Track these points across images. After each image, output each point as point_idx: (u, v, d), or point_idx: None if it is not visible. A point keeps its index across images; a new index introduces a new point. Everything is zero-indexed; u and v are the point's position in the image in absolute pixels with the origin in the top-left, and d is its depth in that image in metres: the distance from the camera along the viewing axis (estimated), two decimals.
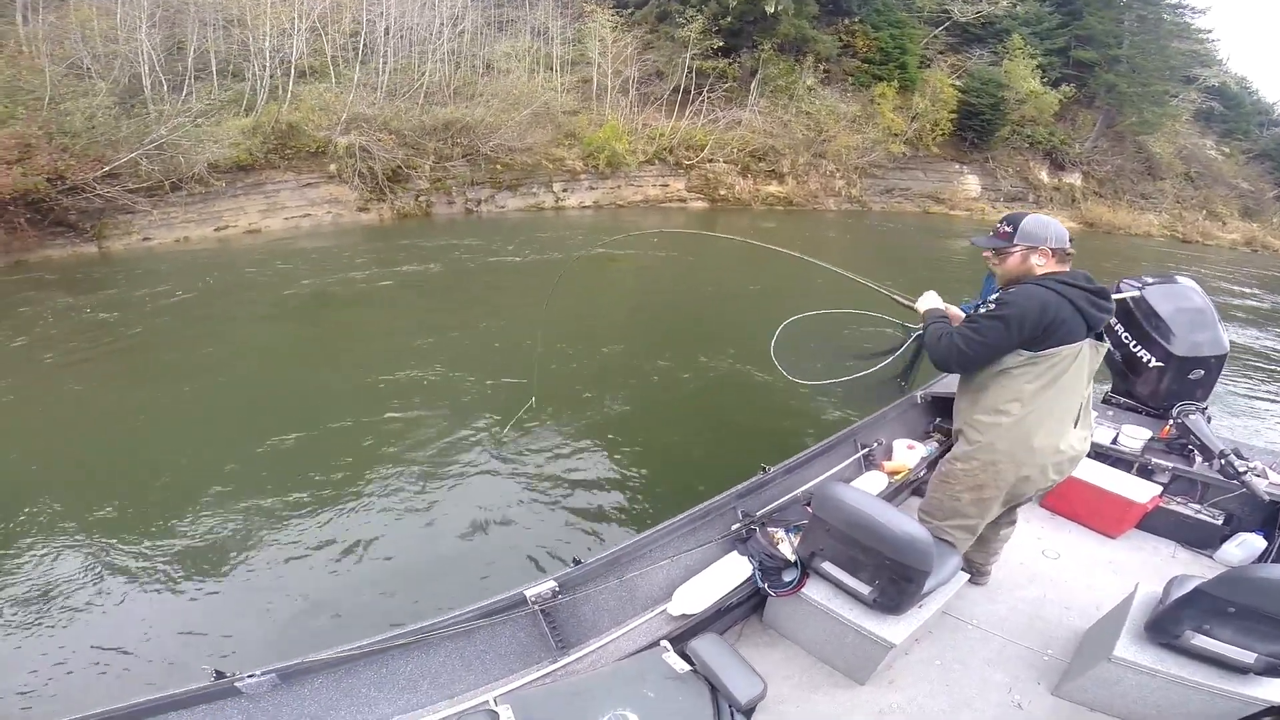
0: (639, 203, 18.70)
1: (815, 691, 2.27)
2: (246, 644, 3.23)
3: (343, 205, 14.53)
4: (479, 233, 14.31)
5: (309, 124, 14.23)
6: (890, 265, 14.82)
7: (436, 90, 16.62)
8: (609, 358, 7.32)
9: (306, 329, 8.29)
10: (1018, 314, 1.95)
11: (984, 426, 2.13)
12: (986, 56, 24.87)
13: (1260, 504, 3.04)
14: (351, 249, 12.37)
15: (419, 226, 14.83)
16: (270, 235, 13.38)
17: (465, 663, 2.01)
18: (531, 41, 19.23)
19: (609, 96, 19.38)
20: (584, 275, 11.44)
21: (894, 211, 23.81)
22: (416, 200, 15.30)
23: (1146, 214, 24.75)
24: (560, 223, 15.99)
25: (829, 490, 2.21)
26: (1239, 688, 1.93)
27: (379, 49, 15.85)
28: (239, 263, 11.00)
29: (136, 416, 5.60)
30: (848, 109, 22.47)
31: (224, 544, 3.93)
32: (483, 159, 15.66)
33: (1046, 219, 2.10)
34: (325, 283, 9.87)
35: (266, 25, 14.77)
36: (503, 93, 16.71)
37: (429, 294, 9.77)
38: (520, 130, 16.08)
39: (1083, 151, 25.23)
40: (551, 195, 16.74)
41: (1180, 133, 26.79)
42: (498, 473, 4.83)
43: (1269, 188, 27.44)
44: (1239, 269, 19.67)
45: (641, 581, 2.35)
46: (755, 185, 21.27)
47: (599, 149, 17.30)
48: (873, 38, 24.13)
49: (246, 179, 13.55)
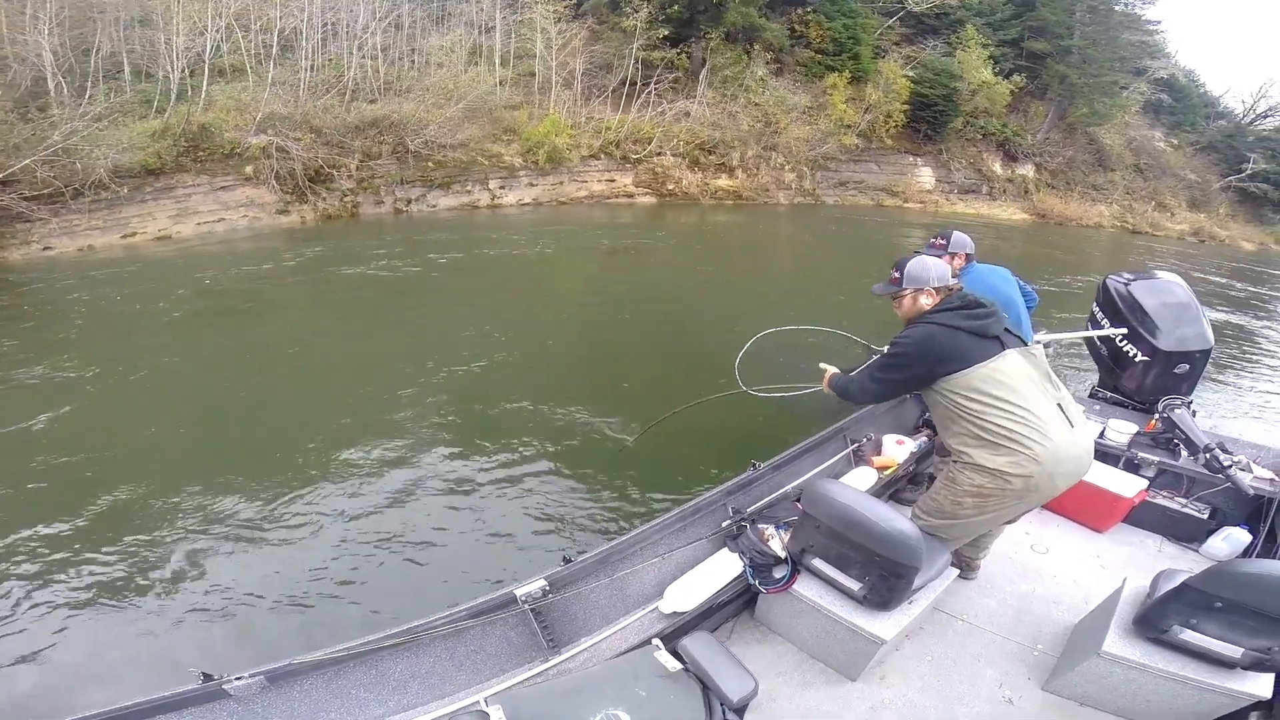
0: (583, 199, 18.26)
1: (807, 688, 2.26)
2: (229, 647, 3.22)
3: (260, 208, 13.97)
4: (406, 233, 13.88)
5: (223, 125, 13.63)
6: (841, 259, 14.66)
7: (364, 86, 16.04)
8: (590, 354, 7.28)
9: (216, 336, 7.85)
10: (905, 352, 2.16)
11: (982, 447, 2.11)
12: (941, 47, 24.65)
13: (1245, 498, 3.06)
14: (264, 253, 11.86)
15: (344, 228, 14.32)
16: (181, 241, 12.81)
17: (456, 663, 1.99)
18: (468, 34, 18.62)
19: (553, 90, 18.87)
20: (558, 269, 11.23)
21: (847, 204, 23.64)
22: (342, 201, 14.77)
23: (1097, 205, 24.82)
24: (495, 222, 15.52)
25: (818, 487, 2.22)
26: (1226, 682, 1.93)
27: (301, 45, 15.21)
28: (143, 272, 10.46)
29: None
30: (798, 100, 22.15)
31: (190, 553, 3.87)
32: (412, 156, 15.14)
33: (927, 260, 2.29)
34: (235, 287, 9.45)
35: (178, 23, 14.07)
36: (434, 87, 16.15)
37: (361, 292, 9.53)
38: (452, 126, 15.55)
39: (1035, 143, 25.17)
40: (487, 193, 16.24)
41: (1130, 124, 26.87)
42: (479, 473, 4.73)
43: (1215, 179, 27.70)
44: (1198, 261, 19.85)
45: (632, 579, 2.33)
46: (705, 179, 20.91)
47: (538, 144, 16.82)
48: (826, 28, 23.75)
49: (156, 183, 12.93)
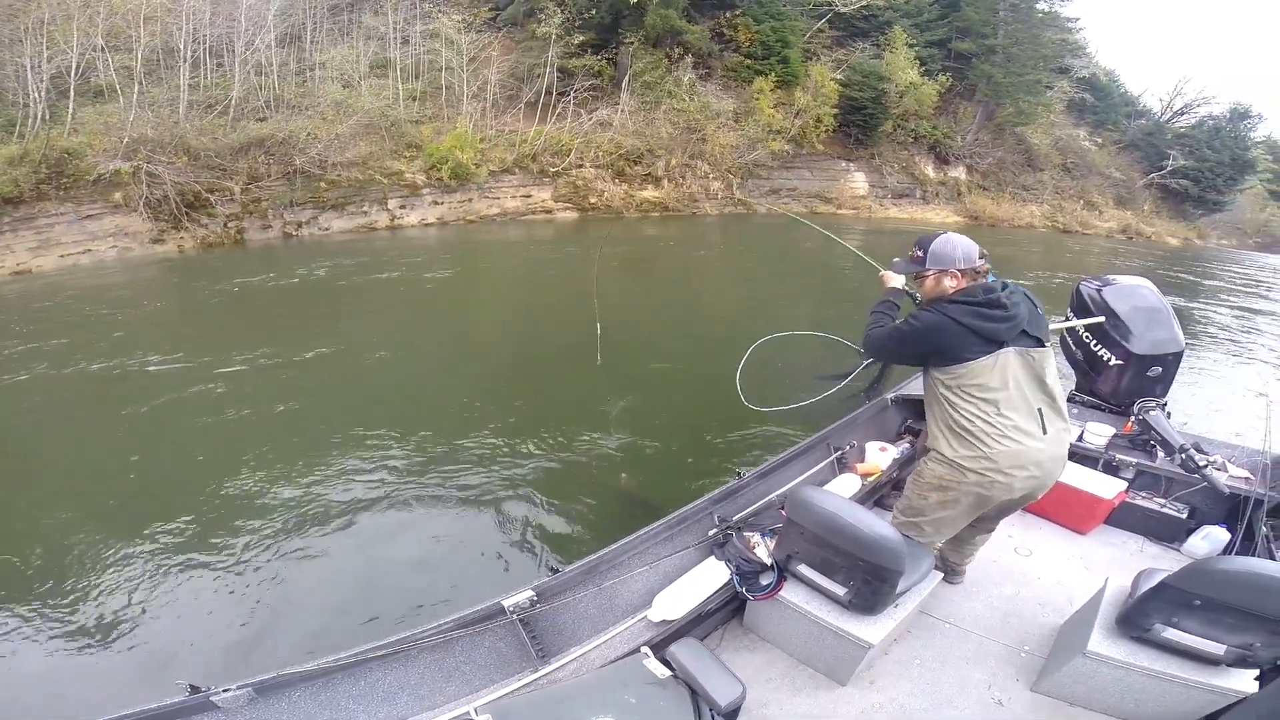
0: (495, 216, 17.66)
1: (797, 694, 2.28)
2: (216, 659, 3.19)
3: (132, 237, 13.22)
4: (291, 259, 13.22)
5: (89, 149, 12.88)
6: (771, 270, 14.31)
7: (253, 104, 15.34)
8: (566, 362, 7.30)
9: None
10: (910, 333, 2.12)
11: (947, 437, 2.16)
12: (870, 50, 24.54)
13: (1221, 497, 3.11)
14: (129, 286, 11.21)
15: (227, 256, 13.60)
16: (42, 276, 12.04)
17: (445, 674, 1.98)
18: (368, 46, 17.97)
19: (464, 103, 18.30)
20: (550, 274, 11.06)
21: (780, 212, 23.42)
22: (225, 227, 14.07)
23: (1029, 205, 24.93)
24: (394, 244, 14.90)
25: (801, 495, 2.25)
26: (1212, 679, 1.95)
27: (179, 63, 14.47)
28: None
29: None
30: (724, 105, 21.82)
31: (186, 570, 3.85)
32: (300, 176, 14.48)
33: (955, 239, 2.11)
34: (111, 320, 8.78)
35: (43, 40, 13.29)
36: (327, 101, 15.50)
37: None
38: (343, 142, 14.92)
39: (965, 145, 25.20)
40: (386, 213, 15.60)
41: (1055, 124, 27.11)
42: (466, 484, 4.67)
43: (1139, 176, 28.08)
44: (1130, 259, 19.91)
45: (620, 588, 2.36)
46: (630, 191, 20.45)
47: (442, 160, 16.24)
48: (754, 30, 23.45)
49: (15, 213, 12.15)
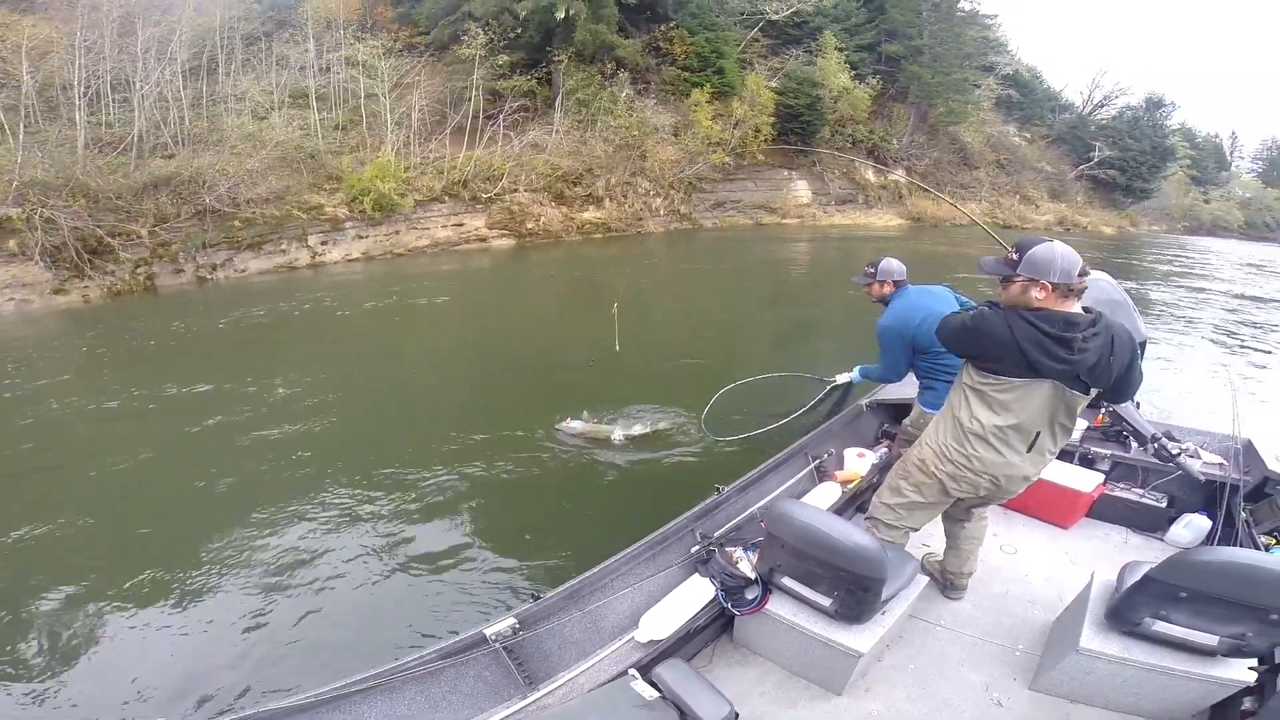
0: (425, 248, 17.10)
1: (793, 706, 2.26)
2: (195, 694, 3.14)
3: (31, 288, 12.39)
4: (204, 305, 12.55)
5: None
6: (724, 288, 14.05)
7: (159, 141, 14.63)
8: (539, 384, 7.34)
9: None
10: (968, 331, 2.06)
11: (949, 425, 2.18)
12: (803, 56, 24.76)
13: (1197, 484, 3.12)
14: (33, 342, 10.40)
15: (136, 304, 12.79)
16: None
17: (432, 703, 1.94)
18: (285, 76, 17.37)
19: (388, 130, 17.79)
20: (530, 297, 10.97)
21: (726, 225, 23.33)
22: (133, 273, 13.32)
23: (968, 203, 25.37)
24: (317, 283, 14.29)
25: (779, 508, 2.26)
26: (1210, 670, 1.95)
27: (74, 100, 13.72)
28: None
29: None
30: (663, 120, 21.69)
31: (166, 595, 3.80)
32: (212, 215, 13.80)
33: (1059, 249, 1.95)
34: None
35: None
36: (236, 135, 14.86)
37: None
38: (255, 177, 14.28)
39: (902, 147, 25.61)
40: (307, 250, 14.96)
41: (986, 121, 27.81)
42: (440, 511, 4.59)
43: (1069, 169, 28.94)
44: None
45: (605, 611, 2.33)
46: (570, 213, 20.09)
47: (364, 191, 15.69)
48: (689, 43, 23.47)
49: None
